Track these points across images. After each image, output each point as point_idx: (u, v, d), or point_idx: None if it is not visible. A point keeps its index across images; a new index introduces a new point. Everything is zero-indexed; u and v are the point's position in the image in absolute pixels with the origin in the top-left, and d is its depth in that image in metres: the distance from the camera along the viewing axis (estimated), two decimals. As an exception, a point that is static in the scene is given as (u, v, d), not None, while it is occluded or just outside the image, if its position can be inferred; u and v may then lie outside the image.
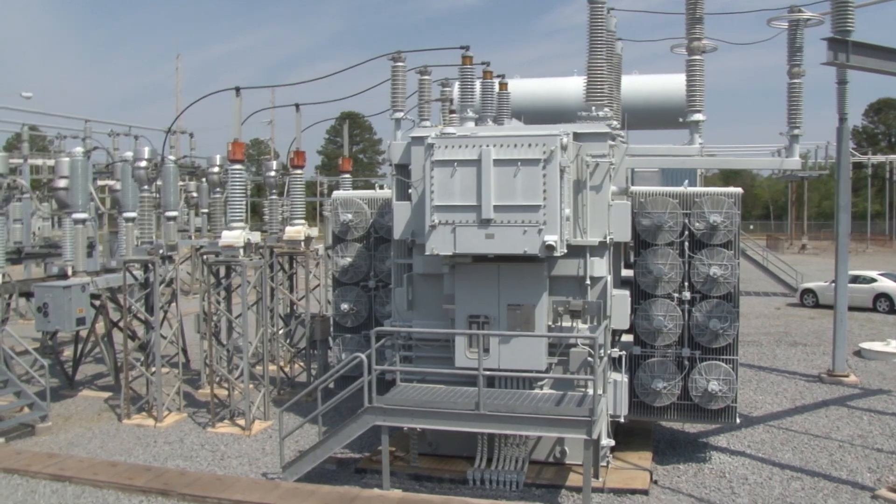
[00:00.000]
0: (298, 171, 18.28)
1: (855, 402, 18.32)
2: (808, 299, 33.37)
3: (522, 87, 20.87)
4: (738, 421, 14.39)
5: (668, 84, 20.68)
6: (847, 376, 20.16)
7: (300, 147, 18.44)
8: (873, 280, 31.52)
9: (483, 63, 16.52)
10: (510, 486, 13.05)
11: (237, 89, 16.06)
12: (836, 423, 16.71)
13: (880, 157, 71.89)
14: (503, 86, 17.88)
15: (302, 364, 19.84)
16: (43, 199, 25.01)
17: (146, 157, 16.66)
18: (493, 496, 12.79)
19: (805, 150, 33.32)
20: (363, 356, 12.83)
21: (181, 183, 28.02)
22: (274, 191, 19.86)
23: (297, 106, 18.19)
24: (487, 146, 12.57)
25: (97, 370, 21.60)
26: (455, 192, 12.75)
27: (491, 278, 13.30)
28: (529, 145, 12.49)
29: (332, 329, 16.49)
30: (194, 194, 28.99)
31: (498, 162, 12.56)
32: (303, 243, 18.02)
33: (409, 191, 14.45)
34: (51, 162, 32.18)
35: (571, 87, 21.42)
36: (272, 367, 16.98)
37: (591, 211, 13.43)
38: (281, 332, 19.50)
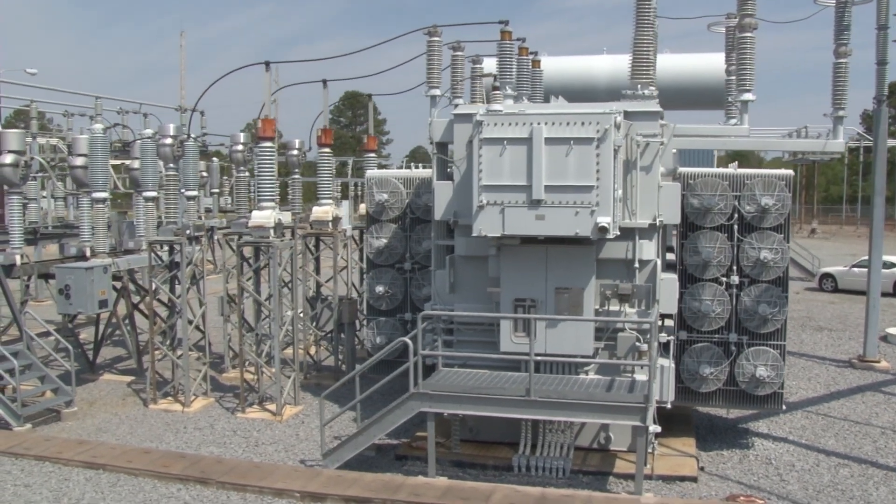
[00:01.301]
0: (326, 150, 17.83)
1: (890, 388, 18.07)
2: (827, 284, 33.08)
3: (550, 65, 20.40)
4: (783, 408, 14.12)
5: (701, 63, 20.28)
6: (878, 362, 19.91)
7: (324, 125, 17.97)
8: (893, 265, 31.21)
9: (519, 39, 16.09)
10: (557, 472, 12.74)
11: (266, 63, 15.58)
12: (874, 409, 16.46)
13: (891, 142, 71.61)
14: (536, 63, 17.48)
15: (328, 348, 19.49)
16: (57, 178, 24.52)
17: (171, 133, 16.17)
18: (540, 483, 12.47)
19: (817, 134, 33.03)
20: (408, 340, 12.45)
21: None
22: (297, 170, 19.40)
23: (324, 82, 17.71)
24: (538, 124, 12.16)
25: (115, 353, 21.19)
26: (504, 172, 12.35)
27: (538, 261, 12.92)
28: (582, 123, 12.09)
29: (365, 312, 16.07)
30: (205, 174, 28.48)
31: (550, 140, 12.16)
32: (330, 224, 17.57)
33: (449, 169, 14.07)
34: (53, 140, 31.71)
35: (601, 65, 21.05)
36: (299, 351, 16.57)
37: (640, 192, 13.05)
38: (301, 314, 19.10)
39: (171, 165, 16.29)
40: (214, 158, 23.41)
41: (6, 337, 17.82)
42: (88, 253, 18.06)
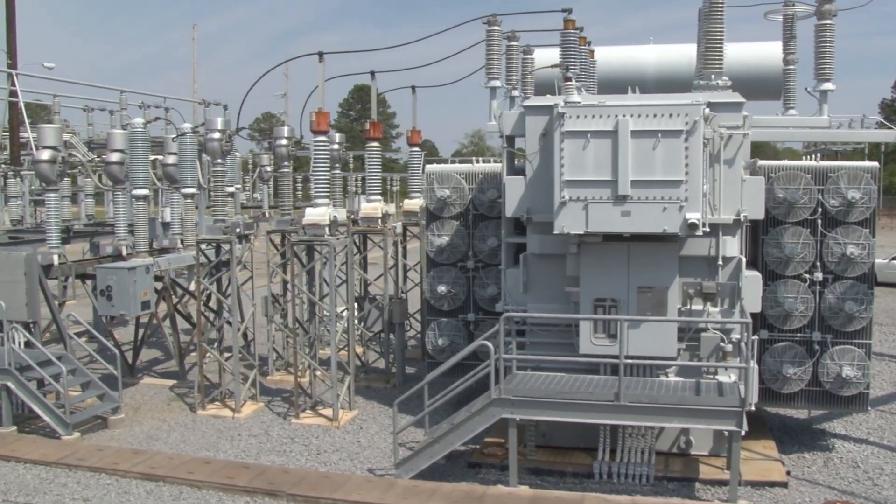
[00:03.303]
0: (374, 144, 17.22)
1: (957, 384, 17.62)
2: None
3: (597, 56, 19.79)
4: (869, 409, 13.63)
5: (755, 52, 19.69)
6: (940, 358, 19.47)
7: (372, 118, 17.36)
8: None
9: (578, 28, 15.50)
10: (640, 479, 12.22)
11: (320, 54, 14.99)
12: (949, 408, 15.98)
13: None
14: (590, 53, 16.93)
15: (376, 349, 18.94)
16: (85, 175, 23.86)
17: (220, 127, 15.54)
18: (624, 491, 11.96)
19: (838, 124, 32.50)
20: (489, 343, 11.88)
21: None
22: (337, 165, 18.76)
23: (372, 73, 17.13)
24: (624, 116, 11.60)
25: (152, 356, 20.57)
26: (588, 166, 11.77)
27: (620, 259, 12.36)
28: (670, 115, 11.52)
29: (424, 312, 15.48)
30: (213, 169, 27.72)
31: (636, 133, 11.58)
32: (380, 220, 16.97)
33: (518, 163, 13.51)
34: (65, 136, 30.95)
35: (649, 56, 20.42)
36: (345, 353, 15.94)
37: (723, 186, 12.49)
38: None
39: (219, 161, 15.63)
40: (236, 153, 22.61)
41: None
42: (124, 252, 17.45)
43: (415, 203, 18.94)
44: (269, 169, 24.18)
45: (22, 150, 25.63)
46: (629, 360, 11.65)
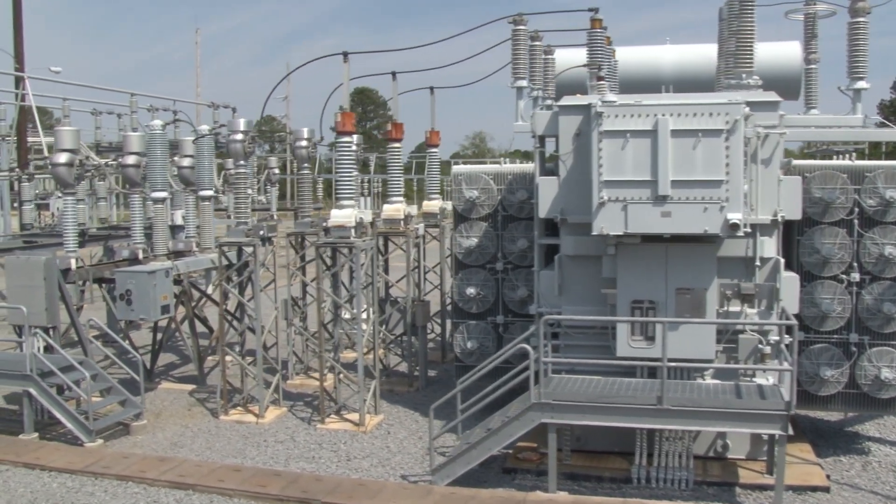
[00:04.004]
0: (396, 145, 17.01)
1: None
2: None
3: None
4: (907, 411, 13.49)
5: (774, 52, 19.56)
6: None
7: (393, 119, 17.15)
8: None
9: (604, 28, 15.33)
10: (679, 484, 12.02)
11: (345, 54, 14.77)
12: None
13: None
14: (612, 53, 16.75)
15: (398, 352, 18.72)
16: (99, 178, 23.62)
17: (242, 128, 15.31)
18: (665, 496, 11.78)
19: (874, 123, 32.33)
20: (528, 346, 11.69)
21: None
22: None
23: (393, 74, 16.90)
24: (663, 115, 11.41)
25: (167, 360, 20.29)
26: (627, 166, 11.58)
27: (658, 260, 12.17)
28: (710, 114, 11.34)
29: (452, 315, 15.26)
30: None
31: (676, 132, 11.39)
32: (402, 222, 16.75)
33: (548, 165, 13.33)
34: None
35: (667, 56, 20.26)
36: (369, 357, 15.71)
37: (760, 186, 12.31)
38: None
39: (242, 162, 15.40)
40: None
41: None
42: (140, 255, 17.22)
43: (434, 205, 18.75)
44: (276, 171, 23.98)
45: (28, 155, 25.42)
46: (672, 364, 11.46)
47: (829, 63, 15.80)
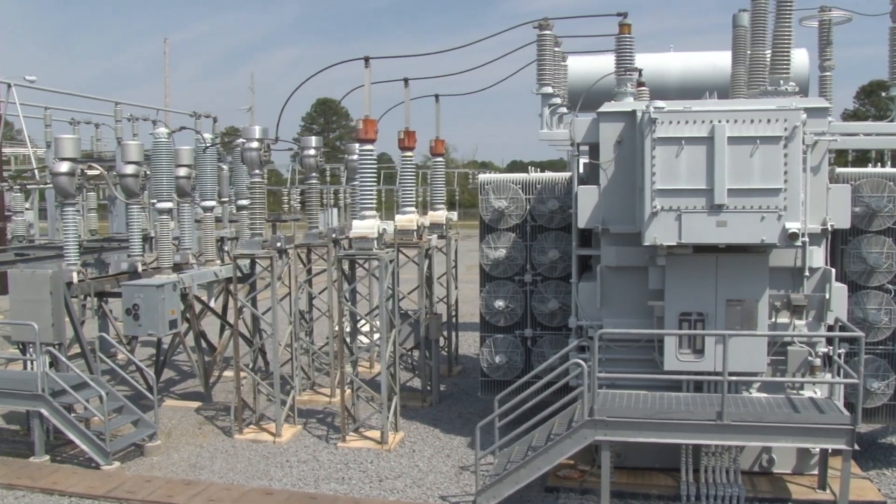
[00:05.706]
0: (409, 153, 16.49)
1: None
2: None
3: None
4: (953, 424, 13.27)
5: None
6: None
7: (406, 127, 16.59)
8: None
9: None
10: (731, 501, 11.64)
11: (366, 59, 14.20)
12: None
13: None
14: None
15: (408, 367, 18.13)
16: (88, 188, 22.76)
17: (257, 136, 14.66)
18: (718, 515, 11.39)
19: None
20: (582, 362, 11.24)
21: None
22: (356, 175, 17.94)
23: (405, 80, 16.36)
24: (720, 122, 11.05)
25: (166, 376, 19.44)
26: (681, 174, 11.18)
27: (708, 271, 11.79)
28: (769, 121, 10.99)
29: (481, 330, 14.74)
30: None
31: (733, 140, 11.03)
32: (415, 234, 16.21)
33: (580, 172, 12.94)
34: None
35: (673, 64, 20.02)
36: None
37: (809, 194, 12.00)
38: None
39: (257, 171, 14.74)
40: (223, 165, 21.57)
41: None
42: (140, 268, 16.48)
43: (440, 215, 18.25)
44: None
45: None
46: (732, 378, 11.07)
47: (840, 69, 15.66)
